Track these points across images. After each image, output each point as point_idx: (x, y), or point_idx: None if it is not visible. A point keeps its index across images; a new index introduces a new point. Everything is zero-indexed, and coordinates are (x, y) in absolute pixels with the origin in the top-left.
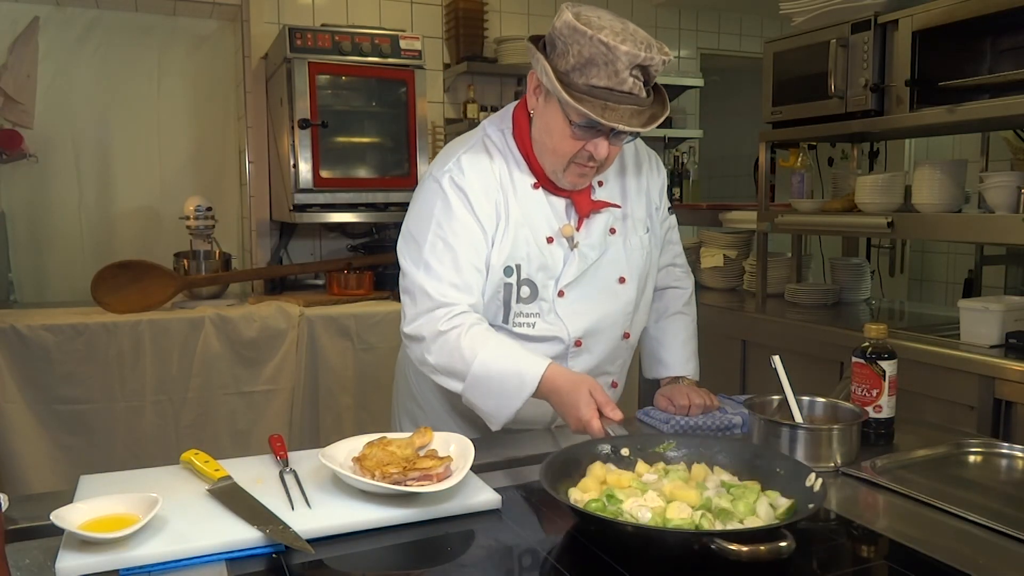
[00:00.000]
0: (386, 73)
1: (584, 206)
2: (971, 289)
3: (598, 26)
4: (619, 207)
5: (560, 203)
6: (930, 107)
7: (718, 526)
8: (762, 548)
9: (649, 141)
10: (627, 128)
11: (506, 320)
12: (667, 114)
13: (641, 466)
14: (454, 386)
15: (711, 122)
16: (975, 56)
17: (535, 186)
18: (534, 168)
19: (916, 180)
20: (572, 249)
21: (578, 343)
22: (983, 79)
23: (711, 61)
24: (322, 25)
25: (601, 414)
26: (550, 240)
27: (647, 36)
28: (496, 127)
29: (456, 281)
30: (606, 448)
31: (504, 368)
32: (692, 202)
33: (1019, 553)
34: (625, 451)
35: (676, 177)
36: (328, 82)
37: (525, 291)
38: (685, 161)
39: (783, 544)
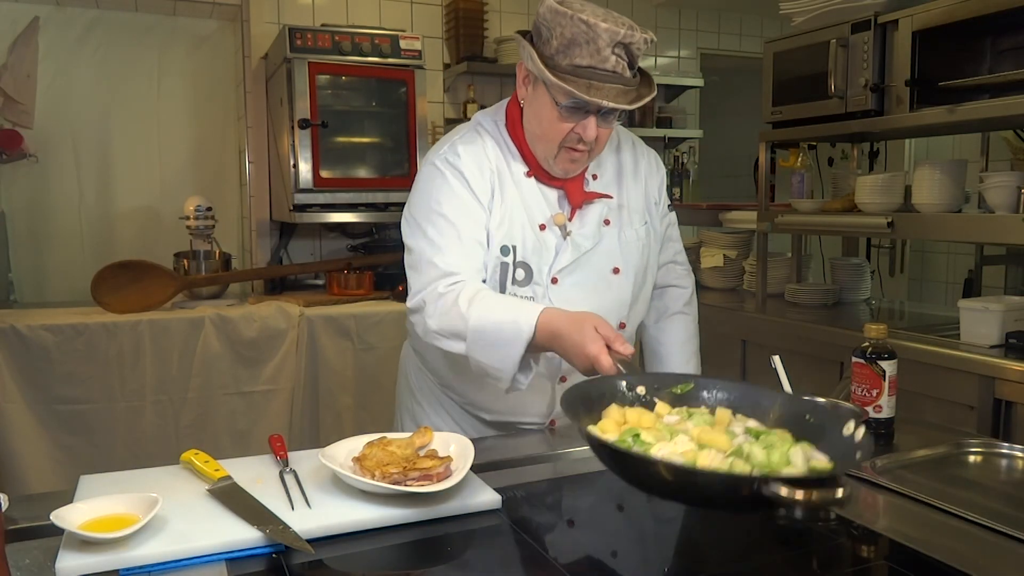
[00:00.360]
0: (386, 73)
1: (576, 196)
2: (971, 289)
3: (579, 8)
4: (611, 197)
5: (552, 193)
6: (930, 107)
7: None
8: (815, 495)
9: (649, 141)
10: (613, 104)
11: None
12: (654, 95)
13: (662, 407)
14: (457, 347)
15: (711, 122)
16: (975, 56)
17: (528, 175)
18: (527, 158)
19: (916, 180)
20: (564, 238)
21: None
22: (983, 79)
23: (711, 61)
24: (322, 25)
25: (610, 349)
26: (542, 227)
27: (631, 21)
28: (490, 118)
29: (459, 252)
30: (622, 386)
31: (501, 318)
32: (692, 202)
33: (1019, 553)
34: (641, 389)
35: (676, 177)
36: (328, 82)
37: (520, 273)
38: (685, 161)
39: (839, 493)
